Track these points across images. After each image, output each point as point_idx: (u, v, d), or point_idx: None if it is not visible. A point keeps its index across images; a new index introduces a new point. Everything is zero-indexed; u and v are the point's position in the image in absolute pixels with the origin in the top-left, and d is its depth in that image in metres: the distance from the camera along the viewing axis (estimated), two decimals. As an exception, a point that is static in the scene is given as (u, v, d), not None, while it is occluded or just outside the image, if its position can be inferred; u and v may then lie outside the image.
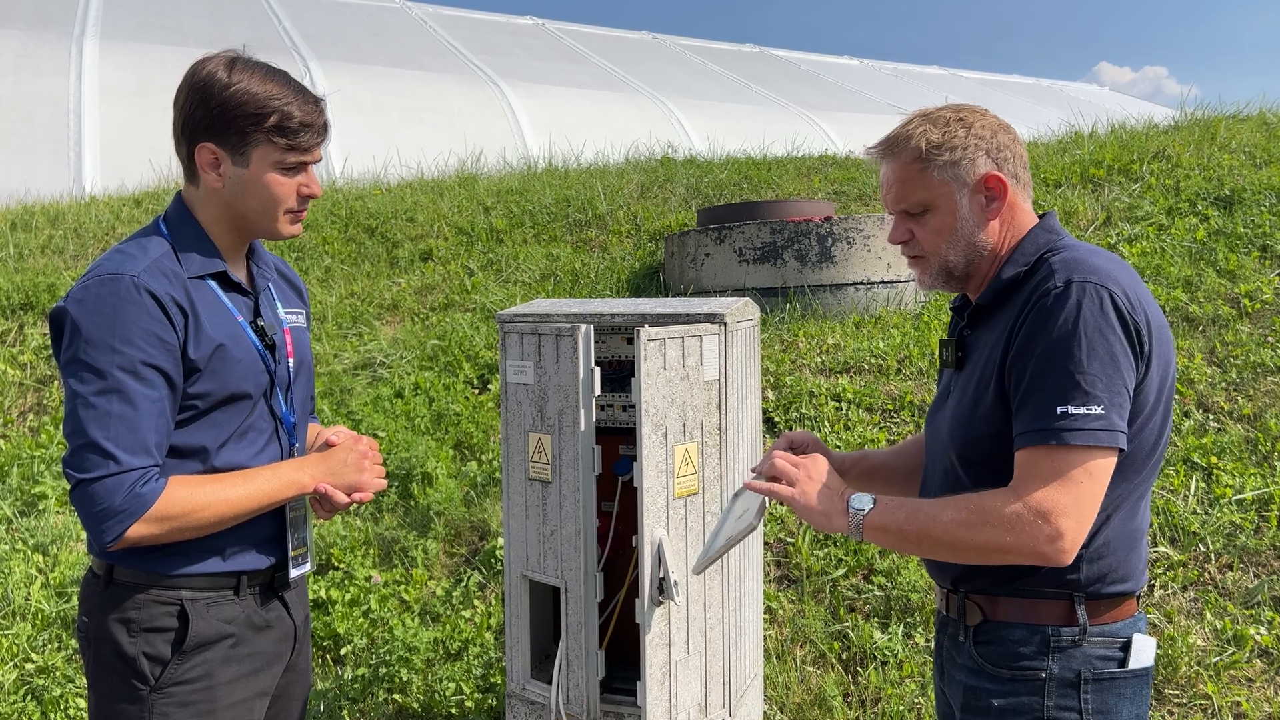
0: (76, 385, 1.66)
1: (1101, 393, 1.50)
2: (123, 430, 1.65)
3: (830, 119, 17.48)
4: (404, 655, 3.77)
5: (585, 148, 11.09)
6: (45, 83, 11.80)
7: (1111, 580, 1.63)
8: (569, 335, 2.47)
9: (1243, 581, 3.65)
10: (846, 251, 5.61)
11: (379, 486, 1.95)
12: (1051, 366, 1.53)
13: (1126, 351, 1.53)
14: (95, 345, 1.66)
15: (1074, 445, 1.50)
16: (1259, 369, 4.54)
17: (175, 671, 1.76)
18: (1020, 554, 1.51)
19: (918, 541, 1.61)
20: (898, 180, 1.74)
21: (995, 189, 1.70)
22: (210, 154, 1.79)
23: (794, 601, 3.89)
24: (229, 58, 1.81)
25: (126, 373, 1.66)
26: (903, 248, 1.80)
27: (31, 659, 3.85)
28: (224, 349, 1.78)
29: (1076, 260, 1.60)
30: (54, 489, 4.72)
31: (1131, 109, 14.86)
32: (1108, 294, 1.54)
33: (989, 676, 1.67)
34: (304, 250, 7.39)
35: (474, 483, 4.61)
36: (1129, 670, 1.63)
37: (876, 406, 4.72)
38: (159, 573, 1.77)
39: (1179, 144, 6.93)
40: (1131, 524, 1.64)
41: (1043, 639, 1.62)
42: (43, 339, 6.04)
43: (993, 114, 1.76)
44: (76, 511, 1.68)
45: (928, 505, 1.60)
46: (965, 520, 1.54)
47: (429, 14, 19.49)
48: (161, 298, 1.70)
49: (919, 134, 1.70)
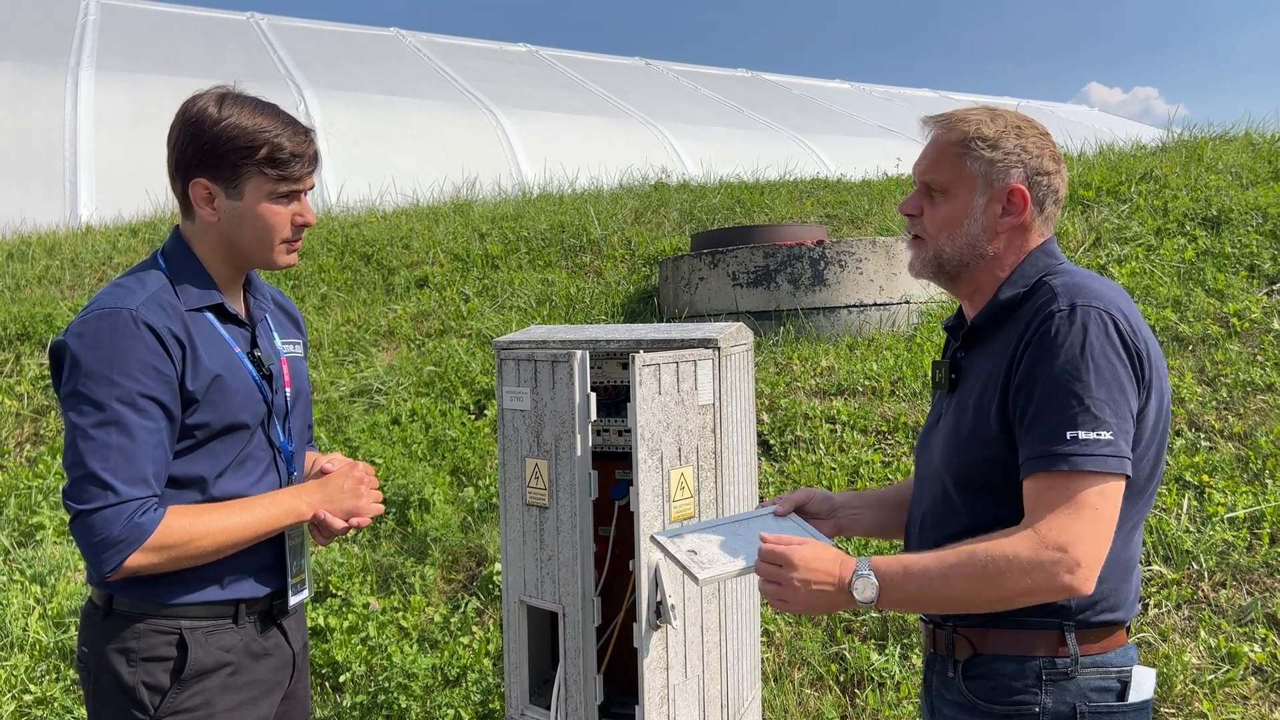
0: (76, 418, 1.69)
1: (1110, 418, 1.49)
2: (121, 461, 1.67)
3: (822, 142, 17.59)
4: (402, 682, 3.77)
5: (580, 173, 11.15)
6: (40, 113, 11.86)
7: (1102, 609, 1.60)
8: (565, 361, 2.49)
9: (1236, 599, 3.67)
10: (839, 274, 5.66)
11: (376, 511, 1.97)
12: (1059, 391, 1.51)
13: (1131, 378, 1.53)
14: (94, 378, 1.68)
15: (1085, 471, 1.47)
16: (1249, 387, 4.58)
17: (174, 700, 1.77)
18: (1044, 593, 1.48)
19: (936, 608, 1.58)
20: (935, 152, 1.73)
21: (1016, 203, 1.68)
22: (204, 189, 1.83)
23: (791, 624, 3.90)
24: (219, 93, 1.84)
25: (125, 405, 1.68)
26: (908, 223, 1.78)
27: (30, 690, 3.84)
28: (221, 380, 1.81)
29: (1078, 285, 1.58)
30: (51, 519, 4.72)
31: (1120, 130, 14.99)
32: (1111, 320, 1.53)
33: (981, 713, 1.62)
34: (300, 278, 7.42)
35: (471, 509, 4.62)
36: (1129, 704, 1.59)
37: (871, 428, 4.75)
38: (158, 602, 1.78)
39: (1166, 165, 7.01)
40: (1125, 552, 1.61)
41: (1035, 672, 1.58)
42: (39, 369, 6.06)
43: (1054, 144, 1.74)
44: (76, 542, 1.70)
45: (935, 569, 1.52)
46: (981, 576, 1.49)
47: (423, 41, 19.63)
48: (159, 331, 1.73)
49: (975, 121, 1.70)
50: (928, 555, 1.56)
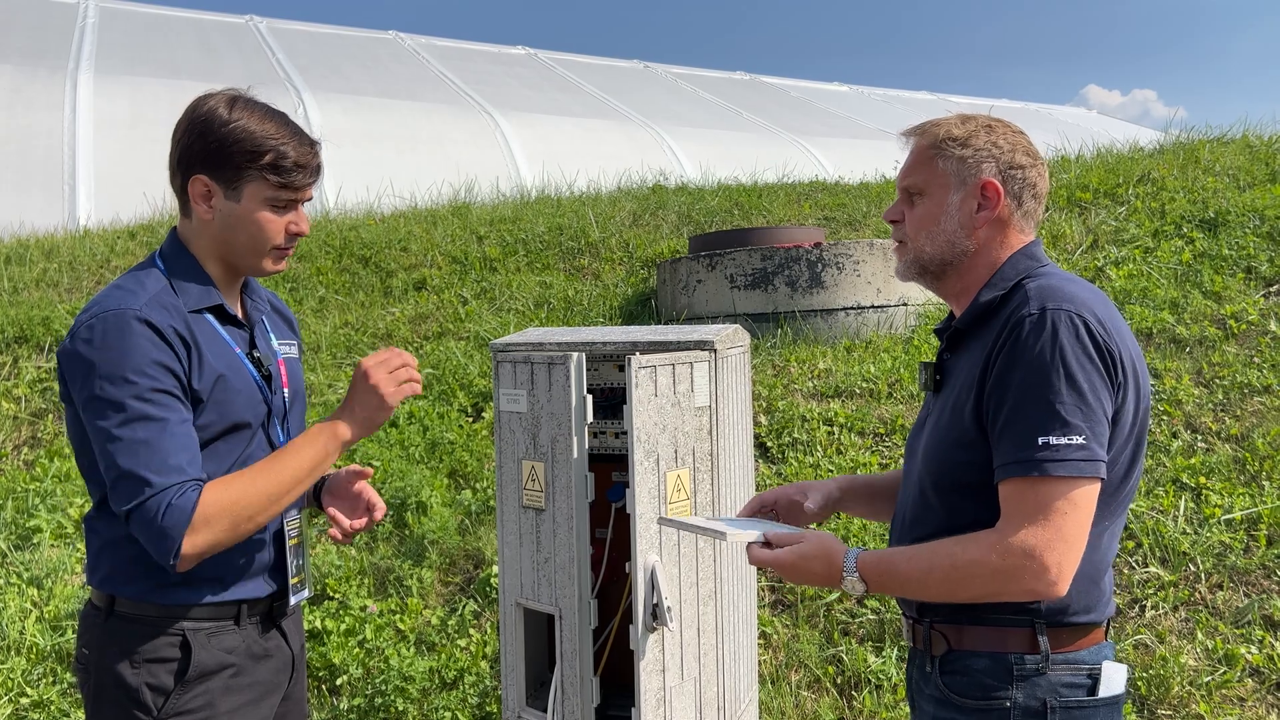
0: (100, 423, 1.69)
1: (1081, 421, 1.50)
2: (149, 454, 1.68)
3: (820, 145, 17.60)
4: (400, 685, 3.77)
5: (578, 176, 11.16)
6: (39, 117, 11.85)
7: (1073, 612, 1.62)
8: (561, 363, 2.50)
9: (1233, 601, 3.67)
10: (837, 277, 5.66)
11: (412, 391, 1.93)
12: (1030, 397, 1.53)
13: (1103, 379, 1.54)
14: (110, 380, 1.69)
15: (1056, 476, 1.50)
16: (1246, 389, 4.58)
17: (177, 702, 1.77)
18: (1015, 596, 1.53)
19: (917, 597, 1.66)
20: (910, 158, 1.79)
21: (990, 197, 1.71)
22: (203, 186, 1.83)
23: (788, 626, 3.90)
24: (231, 95, 1.85)
25: (144, 401, 1.69)
26: (893, 229, 1.83)
27: (26, 693, 3.84)
28: (225, 379, 1.81)
29: (1051, 287, 1.60)
30: (49, 522, 4.72)
31: (1118, 132, 15.01)
32: (1082, 322, 1.54)
33: (955, 707, 1.66)
34: (298, 280, 7.42)
35: (468, 511, 4.62)
36: (1099, 699, 1.61)
37: (868, 430, 4.75)
38: (160, 604, 1.78)
39: (1164, 167, 7.02)
40: (1095, 556, 1.62)
41: (1006, 667, 1.61)
42: (37, 372, 6.05)
43: (1029, 140, 1.78)
44: (142, 542, 1.71)
45: (913, 573, 1.60)
46: (953, 579, 1.55)
47: (421, 45, 19.64)
48: (164, 330, 1.74)
49: (946, 125, 1.75)
50: (908, 557, 1.62)
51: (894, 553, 1.65)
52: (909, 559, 1.61)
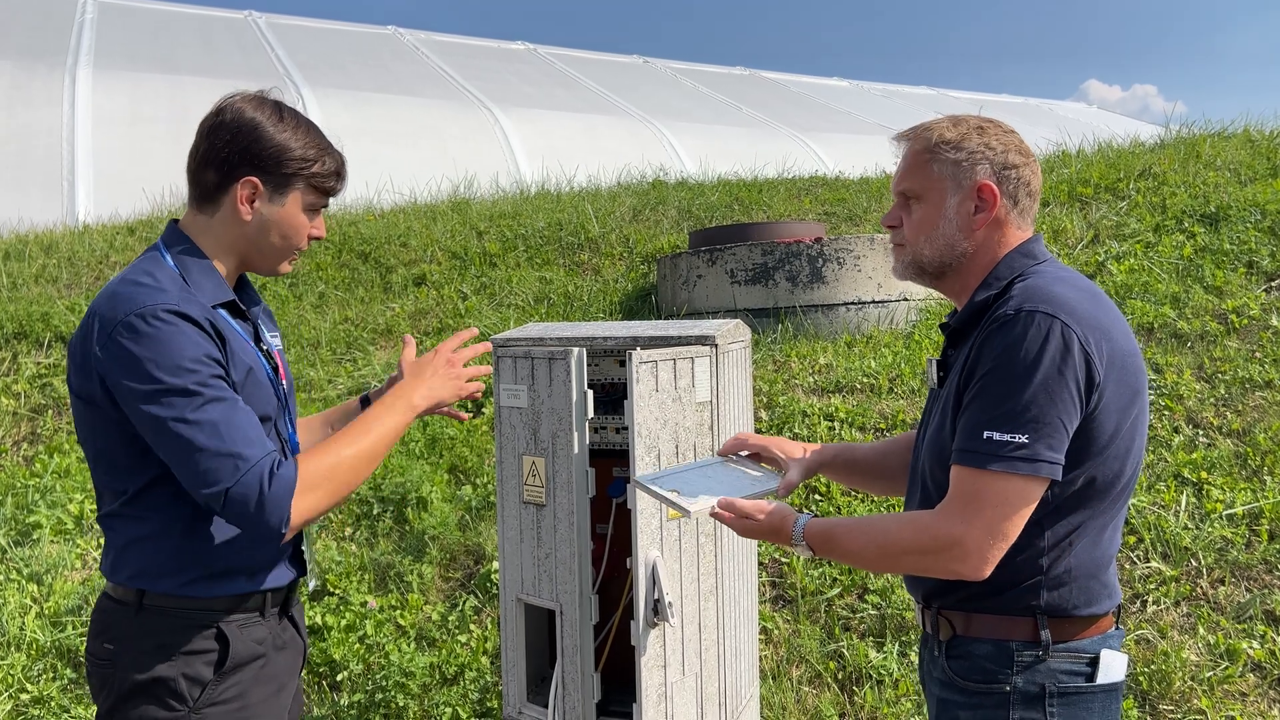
0: (165, 412, 1.67)
1: (1029, 422, 1.53)
2: (230, 430, 1.68)
3: (820, 140, 17.57)
4: (400, 680, 3.76)
5: (578, 171, 11.14)
6: (38, 113, 11.82)
7: (1075, 606, 1.65)
8: (562, 359, 2.49)
9: (1235, 596, 3.66)
10: (837, 272, 5.65)
11: (476, 389, 2.07)
12: (986, 391, 1.58)
13: (1067, 383, 1.54)
14: (170, 371, 1.67)
15: (992, 471, 1.55)
16: (1247, 384, 4.57)
17: (213, 693, 1.79)
18: (939, 574, 1.62)
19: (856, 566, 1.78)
20: (904, 163, 1.81)
21: (987, 198, 1.73)
22: (253, 187, 1.86)
23: (789, 621, 3.90)
24: (275, 101, 1.93)
25: (206, 386, 1.69)
26: (891, 233, 1.86)
27: (26, 689, 3.84)
28: (253, 373, 1.84)
29: (1036, 288, 1.62)
30: (48, 518, 4.71)
31: (1118, 127, 14.98)
32: (1059, 325, 1.55)
33: (958, 690, 1.71)
34: (298, 277, 7.41)
35: (469, 507, 4.62)
36: (1097, 685, 1.65)
37: (869, 426, 4.75)
38: (193, 596, 1.79)
39: (1165, 162, 7.00)
40: (1095, 551, 1.65)
41: (1007, 654, 1.65)
42: (36, 368, 6.05)
43: (1020, 138, 1.79)
44: (236, 524, 1.70)
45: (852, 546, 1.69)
46: (885, 553, 1.66)
47: (421, 40, 19.61)
48: (203, 324, 1.74)
49: (938, 128, 1.77)
50: (848, 529, 1.71)
51: (837, 523, 1.73)
52: (849, 531, 1.70)
